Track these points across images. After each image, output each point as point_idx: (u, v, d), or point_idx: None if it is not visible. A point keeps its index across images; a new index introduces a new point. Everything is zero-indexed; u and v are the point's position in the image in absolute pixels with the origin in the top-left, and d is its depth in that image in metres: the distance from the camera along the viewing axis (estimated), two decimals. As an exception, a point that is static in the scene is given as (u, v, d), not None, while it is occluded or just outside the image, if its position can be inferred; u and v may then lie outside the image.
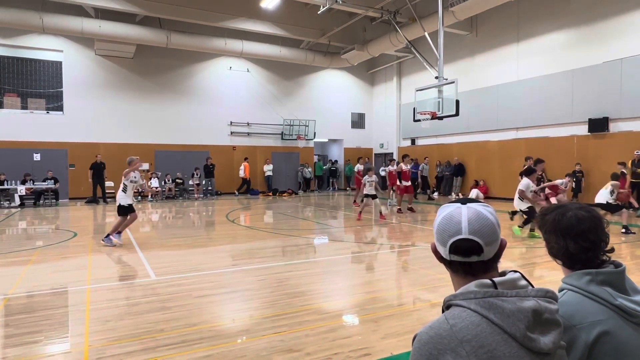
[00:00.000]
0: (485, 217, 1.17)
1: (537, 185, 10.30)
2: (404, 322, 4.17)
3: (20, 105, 18.03)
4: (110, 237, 8.16)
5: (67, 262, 7.05)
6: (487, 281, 1.14)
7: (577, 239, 1.38)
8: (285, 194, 21.75)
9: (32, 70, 18.28)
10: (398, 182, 13.88)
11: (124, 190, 8.37)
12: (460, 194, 18.98)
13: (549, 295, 1.16)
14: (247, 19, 17.94)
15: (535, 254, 7.39)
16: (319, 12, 16.80)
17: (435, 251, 1.25)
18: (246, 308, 4.74)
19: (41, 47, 18.15)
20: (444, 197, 19.62)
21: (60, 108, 18.61)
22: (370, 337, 3.80)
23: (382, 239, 9.54)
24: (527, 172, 8.97)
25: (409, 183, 13.85)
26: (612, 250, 1.42)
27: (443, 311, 1.18)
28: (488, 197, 18.01)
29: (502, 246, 1.20)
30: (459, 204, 1.21)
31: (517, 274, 1.18)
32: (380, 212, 12.06)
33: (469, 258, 1.16)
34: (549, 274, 6.01)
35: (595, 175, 14.50)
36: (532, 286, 1.18)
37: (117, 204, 8.41)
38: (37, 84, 18.36)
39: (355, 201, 16.12)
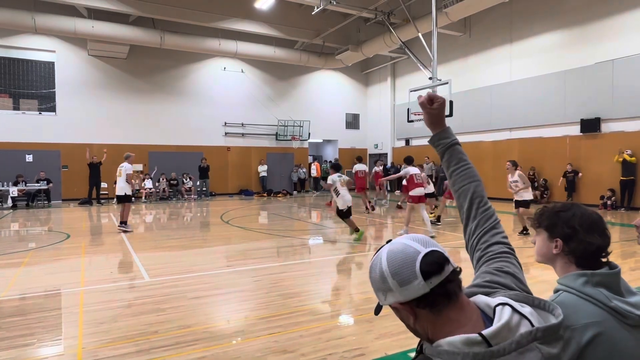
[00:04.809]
0: (420, 235, 1.04)
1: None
2: (398, 323, 4.14)
3: (13, 106, 17.88)
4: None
5: (60, 264, 7.02)
6: (476, 337, 0.92)
7: (602, 235, 1.39)
8: (279, 195, 21.73)
9: (24, 71, 18.13)
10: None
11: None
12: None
13: (549, 334, 0.96)
14: (241, 19, 17.91)
15: (523, 254, 7.43)
16: (313, 13, 16.82)
17: (403, 306, 0.98)
18: (241, 309, 4.74)
19: (33, 47, 18.02)
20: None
21: (52, 109, 18.48)
22: (364, 338, 3.82)
23: (376, 240, 9.56)
24: (334, 168, 8.98)
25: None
26: (609, 252, 1.42)
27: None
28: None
29: None
30: (383, 246, 1.05)
31: (508, 310, 0.97)
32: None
33: (446, 271, 0.96)
34: (541, 274, 6.05)
35: (587, 175, 14.70)
36: (530, 321, 0.98)
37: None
38: (30, 85, 18.22)
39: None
